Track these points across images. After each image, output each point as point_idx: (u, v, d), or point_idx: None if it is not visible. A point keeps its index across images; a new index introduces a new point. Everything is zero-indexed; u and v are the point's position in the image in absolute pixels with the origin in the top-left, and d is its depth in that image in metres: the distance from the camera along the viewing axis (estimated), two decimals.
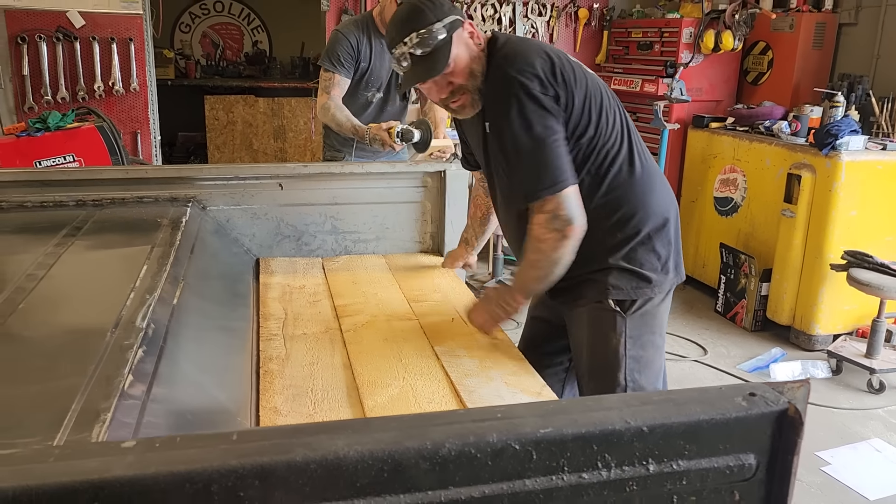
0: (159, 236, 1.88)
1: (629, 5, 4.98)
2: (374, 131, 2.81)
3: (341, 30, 2.97)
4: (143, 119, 4.18)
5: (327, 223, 2.49)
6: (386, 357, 1.71)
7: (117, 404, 1.03)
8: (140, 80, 4.10)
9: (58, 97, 3.93)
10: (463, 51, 1.65)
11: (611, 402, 0.82)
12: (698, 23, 4.31)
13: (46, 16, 3.88)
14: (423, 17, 1.63)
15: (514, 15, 4.78)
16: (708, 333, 3.86)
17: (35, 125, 3.06)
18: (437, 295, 2.14)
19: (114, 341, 1.22)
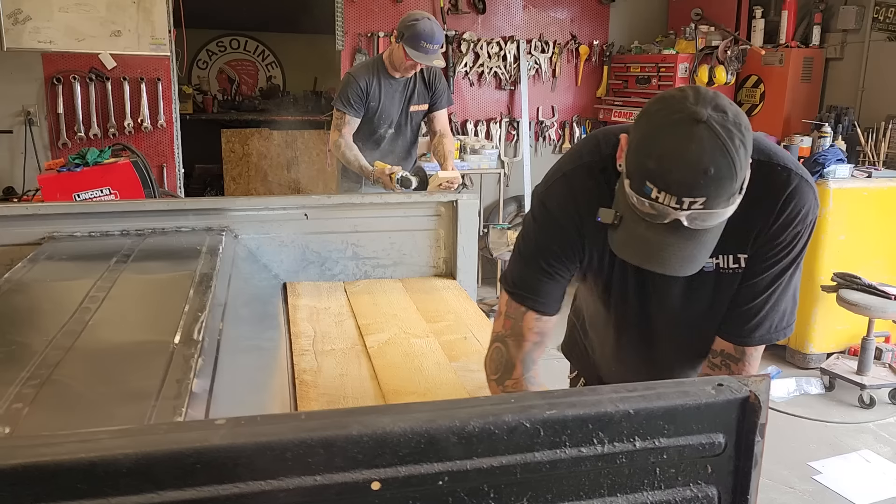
0: (200, 262, 2.09)
1: (627, 41, 5.23)
2: (378, 174, 3.06)
3: (353, 73, 3.22)
4: (170, 153, 4.42)
5: (349, 250, 2.70)
6: (408, 370, 1.90)
7: (188, 401, 1.23)
8: (167, 116, 4.35)
9: (90, 134, 4.18)
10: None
11: (604, 391, 1.01)
12: (693, 58, 4.55)
13: (80, 58, 4.14)
14: (731, 184, 1.09)
15: (519, 52, 5.03)
16: None
17: (74, 160, 3.29)
18: (450, 315, 2.34)
19: (177, 351, 1.42)
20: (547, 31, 5.13)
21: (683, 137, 1.06)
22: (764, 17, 4.66)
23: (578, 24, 5.22)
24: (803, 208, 1.26)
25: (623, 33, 5.28)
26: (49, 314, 1.73)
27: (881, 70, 4.17)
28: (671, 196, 1.08)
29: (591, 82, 5.30)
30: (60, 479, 0.80)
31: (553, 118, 5.25)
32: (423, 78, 3.29)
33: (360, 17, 4.65)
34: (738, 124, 1.07)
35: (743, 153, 1.07)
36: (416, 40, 3.03)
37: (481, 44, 4.92)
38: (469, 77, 4.98)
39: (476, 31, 4.92)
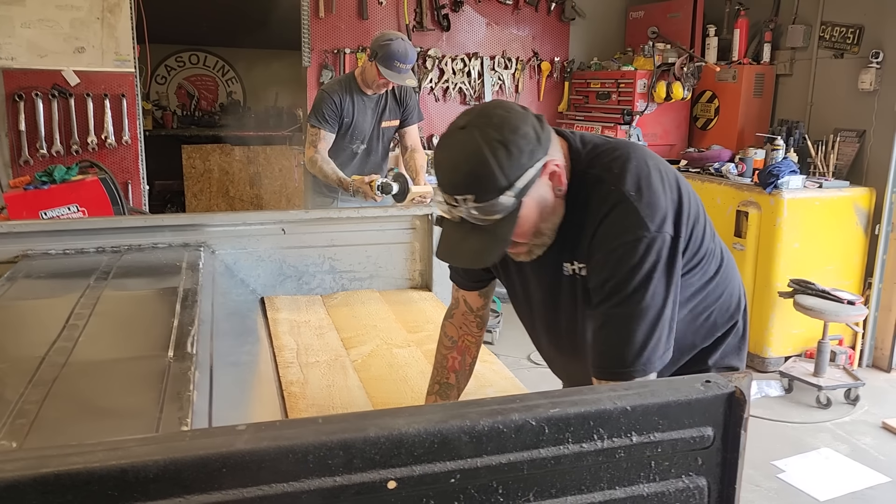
0: (183, 278, 2.10)
1: (587, 58, 5.38)
2: (357, 184, 3.10)
3: (326, 89, 3.26)
4: (135, 170, 4.38)
5: (326, 263, 2.72)
6: (393, 380, 1.94)
7: (192, 413, 1.26)
8: (131, 133, 4.31)
9: (52, 150, 4.11)
10: (533, 212, 1.24)
11: (602, 390, 1.07)
12: (651, 75, 4.70)
13: (43, 74, 4.08)
14: (490, 180, 1.17)
15: (483, 68, 5.13)
16: None
17: (41, 178, 3.26)
18: (429, 325, 2.38)
19: (173, 364, 1.44)
20: (510, 48, 5.24)
21: (446, 144, 1.23)
22: (717, 36, 4.85)
23: (540, 42, 5.35)
24: (623, 230, 1.22)
25: (583, 50, 5.43)
26: (36, 331, 1.72)
27: (828, 85, 4.39)
28: (446, 195, 1.22)
29: (553, 97, 5.43)
30: (93, 486, 0.82)
31: None
32: (394, 94, 3.34)
33: (327, 33, 4.69)
34: (500, 127, 1.18)
35: (503, 153, 1.17)
36: (389, 60, 3.09)
37: (446, 60, 5.01)
38: (434, 93, 5.06)
39: (441, 48, 5.01)
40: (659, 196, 1.23)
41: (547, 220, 1.28)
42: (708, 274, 1.37)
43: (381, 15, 4.77)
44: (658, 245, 1.21)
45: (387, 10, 4.79)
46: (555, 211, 1.28)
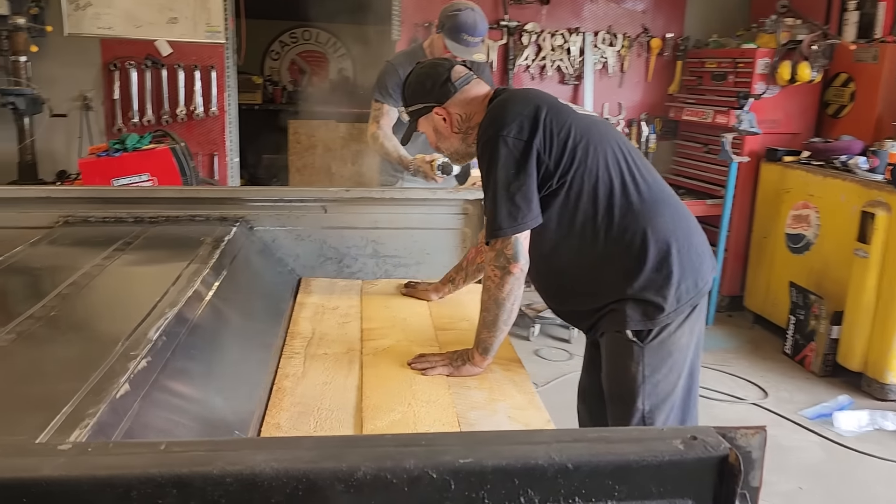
0: (198, 254, 1.99)
1: (705, 35, 4.87)
2: (418, 163, 2.89)
3: (392, 62, 3.07)
4: (220, 142, 4.41)
5: (369, 247, 2.55)
6: (398, 382, 1.73)
7: (104, 410, 1.11)
8: (219, 105, 4.33)
9: (143, 120, 4.20)
10: (428, 131, 1.92)
11: (542, 437, 0.81)
12: (774, 53, 4.16)
13: (137, 44, 4.16)
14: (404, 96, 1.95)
15: (584, 44, 4.76)
16: (771, 376, 3.68)
17: (114, 146, 3.29)
18: (464, 324, 2.15)
19: (122, 351, 1.30)
20: (617, 24, 4.84)
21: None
22: (859, 10, 4.23)
23: (652, 16, 4.90)
24: (478, 139, 1.78)
25: (700, 26, 4.92)
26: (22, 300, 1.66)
27: None
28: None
29: (663, 78, 4.97)
30: None
31: (620, 115, 4.96)
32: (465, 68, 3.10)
33: (419, 6, 4.50)
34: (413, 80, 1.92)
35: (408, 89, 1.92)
36: (456, 32, 2.85)
37: (544, 35, 4.69)
38: (530, 70, 4.75)
39: (540, 23, 4.69)
40: (505, 113, 1.73)
41: (442, 142, 1.93)
42: (591, 190, 1.72)
43: None
44: (494, 143, 1.70)
45: None
46: (449, 139, 1.91)
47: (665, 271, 1.71)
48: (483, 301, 1.78)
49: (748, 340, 4.10)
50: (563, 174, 1.71)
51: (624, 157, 1.78)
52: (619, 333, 1.75)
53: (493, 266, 1.73)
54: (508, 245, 1.70)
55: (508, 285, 1.72)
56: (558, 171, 1.71)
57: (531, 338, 3.98)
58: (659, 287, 1.71)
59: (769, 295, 4.19)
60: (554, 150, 1.71)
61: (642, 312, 1.72)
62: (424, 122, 1.91)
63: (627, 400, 1.76)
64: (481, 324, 1.79)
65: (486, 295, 1.76)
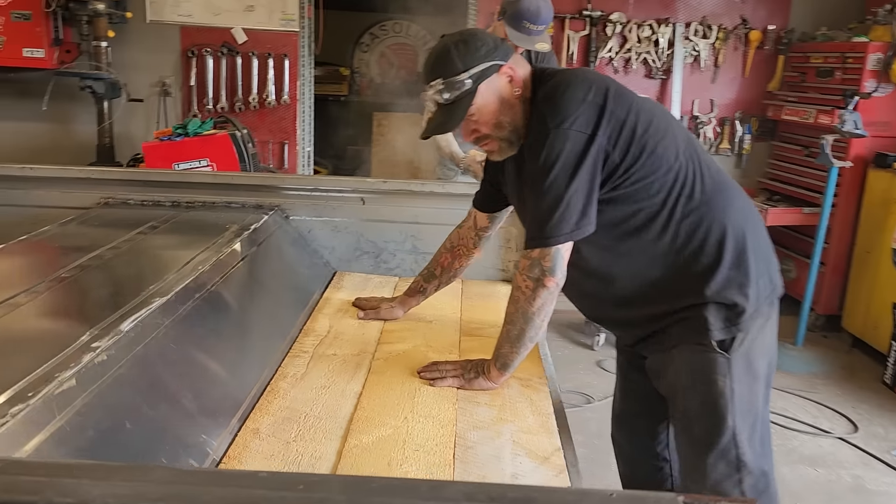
0: (216, 241, 1.91)
1: (813, 27, 4.44)
2: (468, 161, 2.74)
3: None
4: (291, 130, 4.40)
5: (407, 242, 2.41)
6: (401, 392, 1.58)
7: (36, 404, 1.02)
8: (291, 93, 4.32)
9: (217, 106, 4.24)
10: (491, 101, 1.55)
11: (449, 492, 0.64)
12: (888, 48, 3.72)
13: (214, 32, 4.21)
14: (450, 64, 1.53)
15: (675, 36, 4.44)
16: (865, 408, 3.28)
17: (177, 130, 3.30)
18: (493, 330, 1.96)
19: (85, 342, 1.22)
20: (712, 14, 4.48)
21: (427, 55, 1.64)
22: None
23: (753, 7, 4.51)
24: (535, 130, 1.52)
25: (808, 18, 4.49)
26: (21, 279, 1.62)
27: None
28: (424, 89, 1.56)
29: (762, 73, 4.57)
30: None
31: (711, 113, 4.60)
32: (528, 59, 2.91)
33: None
34: (462, 33, 1.58)
35: (462, 46, 1.53)
36: (517, 20, 2.66)
37: (630, 26, 4.40)
38: (613, 63, 4.47)
39: (627, 13, 4.40)
40: (565, 99, 1.49)
41: (506, 113, 1.56)
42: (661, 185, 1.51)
43: None
44: (553, 136, 1.46)
45: None
46: (513, 108, 1.56)
47: (744, 267, 1.52)
48: (509, 313, 1.60)
49: (842, 365, 3.69)
50: (629, 166, 1.50)
51: (688, 140, 1.59)
52: (699, 345, 1.53)
53: (525, 276, 1.54)
54: (548, 256, 1.50)
55: (540, 300, 1.53)
56: (624, 162, 1.50)
57: (595, 347, 3.74)
58: (740, 285, 1.52)
59: (870, 316, 3.76)
60: (621, 139, 1.49)
61: (724, 318, 1.52)
62: (487, 88, 1.55)
63: (715, 418, 1.53)
64: (504, 337, 1.61)
65: (514, 307, 1.58)
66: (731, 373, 1.51)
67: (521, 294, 1.56)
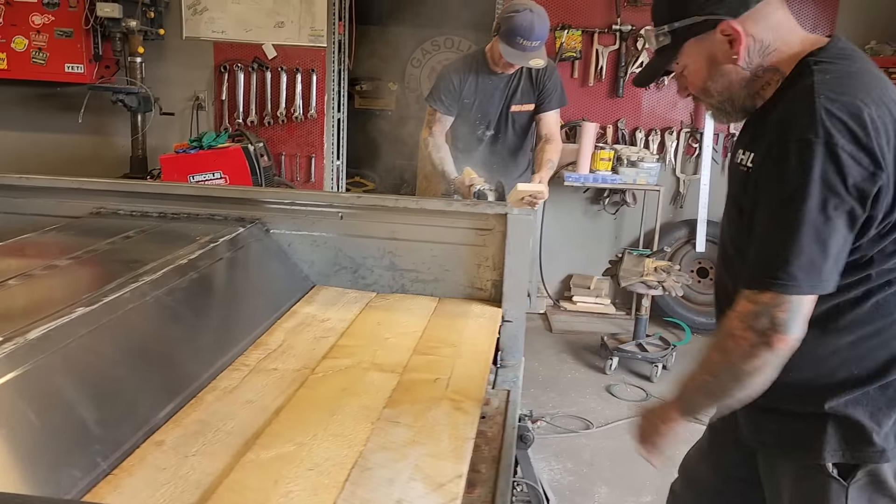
0: (177, 252, 1.95)
1: (862, 40, 4.20)
2: (458, 183, 2.73)
3: (447, 68, 2.93)
4: (319, 144, 4.47)
5: (385, 258, 2.40)
6: (321, 409, 1.56)
7: None
8: (318, 107, 4.40)
9: (247, 120, 4.36)
10: (697, 62, 1.32)
11: None
12: None
13: (246, 48, 4.34)
14: (658, 11, 1.35)
15: None
16: None
17: (192, 143, 3.41)
18: (448, 350, 1.94)
19: None
20: None
21: None
22: None
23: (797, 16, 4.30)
24: (793, 126, 1.18)
25: (855, 30, 4.25)
26: None
27: None
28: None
29: None
30: None
31: None
32: (529, 75, 2.87)
33: None
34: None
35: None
36: (511, 36, 2.64)
37: None
38: None
39: None
40: (852, 93, 1.16)
41: (715, 80, 1.33)
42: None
43: None
44: (814, 150, 1.14)
45: None
46: (726, 76, 1.32)
47: (892, 391, 1.28)
48: (713, 362, 1.32)
49: None
50: (891, 207, 1.20)
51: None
52: (812, 464, 1.33)
53: (745, 325, 1.22)
54: (784, 306, 1.18)
55: (759, 360, 1.22)
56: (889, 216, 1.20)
57: (607, 371, 3.62)
58: (883, 412, 1.28)
59: None
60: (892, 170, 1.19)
61: (853, 438, 1.29)
62: (694, 46, 1.31)
63: None
64: (699, 387, 1.36)
65: (721, 358, 1.29)
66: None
67: (734, 346, 1.24)
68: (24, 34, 3.97)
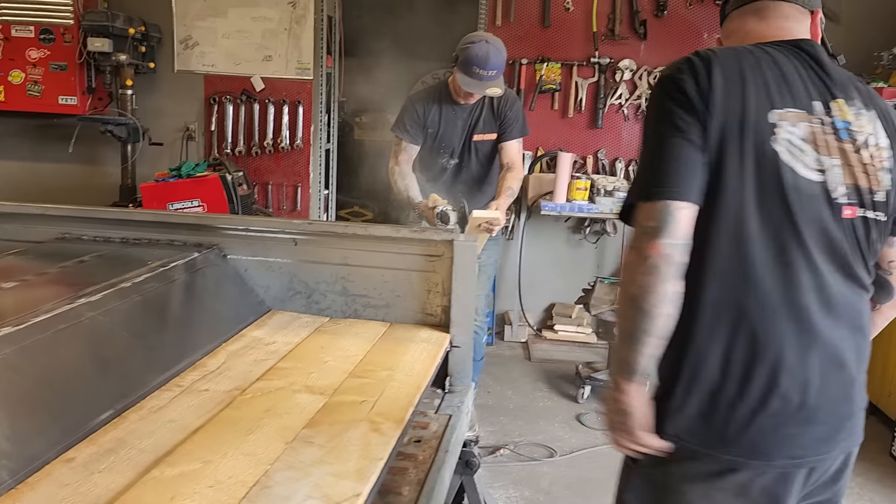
0: (123, 276, 2.00)
1: None
2: (422, 208, 2.77)
3: (412, 98, 2.99)
4: (305, 174, 4.56)
5: (338, 284, 2.44)
6: (239, 429, 1.59)
7: None
8: (304, 138, 4.49)
9: (236, 151, 4.46)
10: None
11: None
12: None
13: (235, 80, 4.46)
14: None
15: None
16: (861, 480, 3.00)
17: (172, 172, 3.50)
18: (384, 374, 1.97)
19: None
20: None
21: None
22: None
23: None
24: None
25: None
26: None
27: None
28: None
29: None
30: None
31: None
32: (491, 104, 2.93)
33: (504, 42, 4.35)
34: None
35: None
36: (467, 66, 2.71)
37: (640, 73, 4.33)
38: (623, 111, 4.41)
39: (637, 59, 4.34)
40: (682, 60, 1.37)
41: None
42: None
43: (565, 22, 4.30)
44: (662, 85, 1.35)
45: (573, 16, 4.30)
46: None
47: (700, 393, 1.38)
48: (619, 301, 1.33)
49: None
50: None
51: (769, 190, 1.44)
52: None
53: (629, 248, 1.29)
54: (651, 216, 1.25)
55: (643, 276, 1.22)
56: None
57: (580, 399, 3.61)
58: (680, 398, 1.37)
59: (885, 381, 3.46)
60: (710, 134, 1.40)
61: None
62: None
63: None
64: (618, 336, 1.33)
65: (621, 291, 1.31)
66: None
67: (624, 273, 1.29)
68: (20, 68, 4.13)
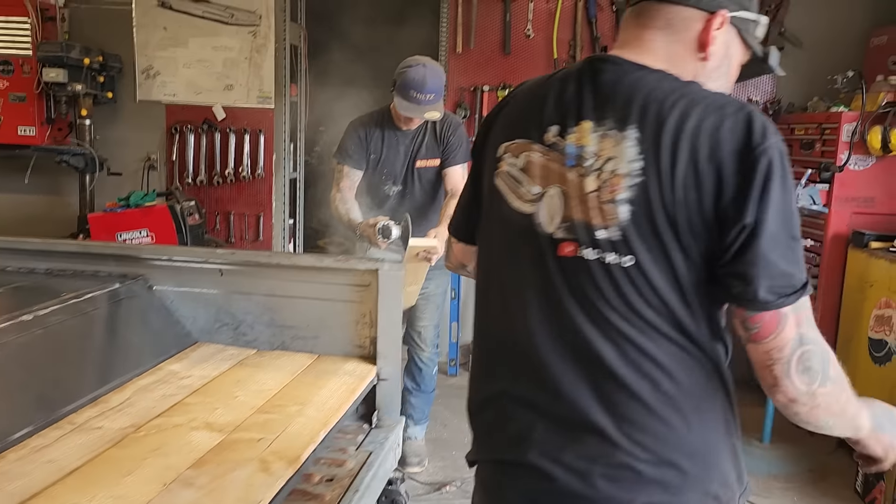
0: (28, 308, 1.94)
1: (804, 98, 4.19)
2: (363, 228, 2.71)
3: (353, 123, 2.95)
4: (267, 203, 4.51)
5: (265, 315, 2.37)
6: (118, 470, 1.51)
7: None
8: (266, 167, 4.45)
9: (197, 180, 4.42)
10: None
11: None
12: (861, 118, 3.44)
13: (196, 109, 4.43)
14: None
15: None
16: None
17: (120, 202, 3.45)
18: (294, 408, 1.90)
19: None
20: None
21: None
22: None
23: None
24: None
25: (797, 87, 4.24)
26: None
27: None
28: None
29: None
30: None
31: None
32: (434, 130, 2.89)
33: (466, 69, 4.35)
34: None
35: None
36: (405, 89, 2.67)
37: None
38: None
39: None
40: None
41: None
42: None
43: (526, 49, 4.28)
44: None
45: (534, 43, 4.28)
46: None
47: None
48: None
49: (814, 467, 3.29)
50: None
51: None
52: None
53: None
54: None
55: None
56: None
57: None
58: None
59: None
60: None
61: None
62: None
63: None
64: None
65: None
66: None
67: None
68: None
